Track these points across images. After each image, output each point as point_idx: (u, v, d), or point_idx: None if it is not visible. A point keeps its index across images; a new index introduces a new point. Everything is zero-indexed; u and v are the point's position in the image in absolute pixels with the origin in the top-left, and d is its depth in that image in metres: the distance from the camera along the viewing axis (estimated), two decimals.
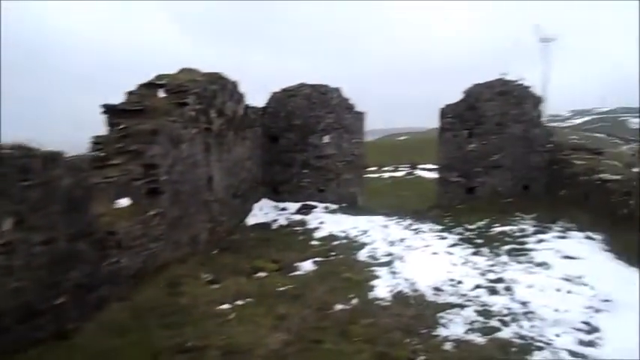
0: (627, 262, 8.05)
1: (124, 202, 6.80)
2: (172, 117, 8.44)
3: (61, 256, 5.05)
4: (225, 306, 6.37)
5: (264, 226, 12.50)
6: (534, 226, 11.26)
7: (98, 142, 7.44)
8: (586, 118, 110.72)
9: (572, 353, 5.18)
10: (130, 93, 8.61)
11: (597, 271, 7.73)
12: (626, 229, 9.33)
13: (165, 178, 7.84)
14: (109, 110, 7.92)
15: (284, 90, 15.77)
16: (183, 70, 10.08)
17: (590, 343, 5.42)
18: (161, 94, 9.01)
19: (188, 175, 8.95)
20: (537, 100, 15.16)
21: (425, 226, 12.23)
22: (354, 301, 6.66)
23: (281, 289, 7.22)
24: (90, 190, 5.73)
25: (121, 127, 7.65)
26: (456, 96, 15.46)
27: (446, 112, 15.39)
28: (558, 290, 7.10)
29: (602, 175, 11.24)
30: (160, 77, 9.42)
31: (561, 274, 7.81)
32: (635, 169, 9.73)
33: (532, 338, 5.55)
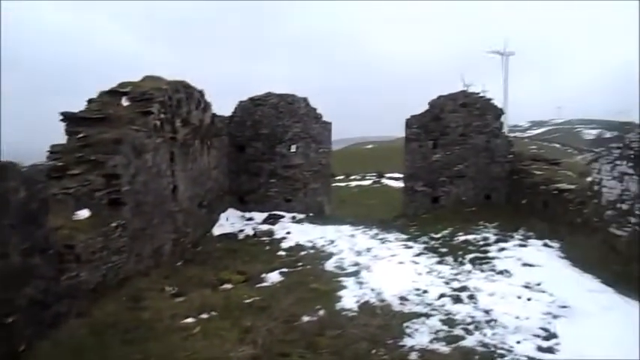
0: (582, 269, 8.40)
1: (84, 213, 6.55)
2: (136, 126, 8.24)
3: (14, 271, 4.79)
4: (190, 320, 6.22)
5: (230, 237, 12.33)
6: (496, 234, 11.60)
7: (56, 151, 7.17)
8: (543, 129, 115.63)
9: None
10: (91, 101, 8.36)
11: (555, 278, 8.01)
12: (581, 237, 9.76)
13: (127, 189, 7.63)
14: (68, 118, 7.65)
15: (251, 99, 15.72)
16: (147, 78, 9.88)
17: (549, 349, 5.60)
18: (124, 102, 8.79)
19: (152, 185, 8.75)
20: (498, 112, 15.71)
21: (391, 236, 12.38)
22: (321, 312, 6.63)
23: (247, 301, 7.11)
24: (46, 201, 5.49)
25: (80, 135, 7.40)
26: (421, 106, 15.84)
27: (411, 123, 15.71)
28: (519, 297, 7.31)
29: (558, 185, 11.73)
30: (123, 85, 9.19)
31: (522, 281, 8.06)
32: (589, 179, 10.18)
33: (494, 346, 5.68)
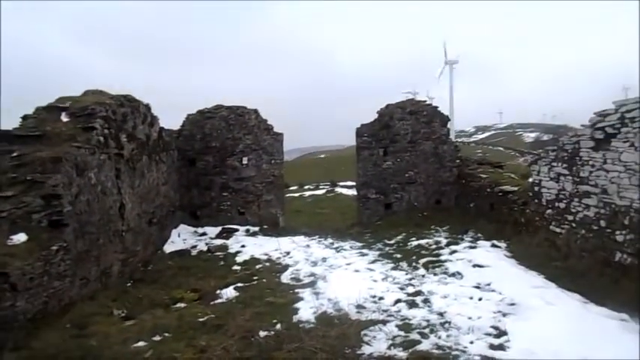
0: (527, 267, 8.78)
1: (20, 237, 6.15)
2: (77, 142, 7.87)
3: None
4: (141, 343, 5.97)
5: (182, 253, 11.97)
6: (447, 237, 11.92)
7: None
8: (487, 134, 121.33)
9: (485, 358, 5.49)
10: (26, 117, 7.90)
11: (503, 277, 8.31)
12: (525, 236, 10.24)
13: (69, 209, 7.24)
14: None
15: (200, 112, 15.44)
16: (89, 92, 9.49)
17: (500, 347, 5.79)
18: (64, 118, 8.38)
19: (96, 204, 8.35)
20: (445, 119, 16.27)
21: (346, 244, 12.47)
22: (278, 326, 6.53)
23: (202, 319, 6.91)
24: None
25: (14, 154, 6.96)
26: (370, 116, 16.13)
27: (362, 132, 15.96)
28: (471, 298, 7.54)
29: (503, 187, 12.29)
30: (62, 99, 8.78)
31: (473, 282, 8.32)
32: (530, 180, 10.73)
33: (449, 348, 5.81)
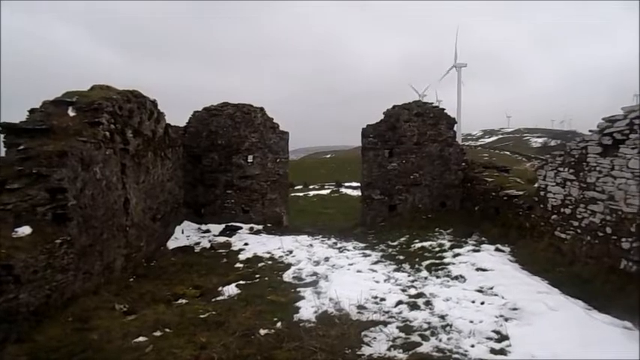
0: (531, 272, 8.72)
1: (25, 230, 6.18)
2: (83, 137, 7.90)
3: None
4: (142, 338, 5.98)
5: (186, 250, 12.00)
6: (451, 240, 11.87)
7: None
8: (494, 138, 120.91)
9: None
10: (33, 110, 7.94)
11: (506, 282, 8.26)
12: (530, 241, 10.17)
13: (73, 203, 7.27)
14: (7, 129, 7.22)
15: (206, 109, 15.48)
16: (96, 87, 9.52)
17: (501, 351, 5.76)
18: (71, 112, 8.41)
19: (101, 198, 8.39)
20: (451, 121, 16.19)
21: (349, 244, 12.46)
22: (279, 325, 6.54)
23: (203, 316, 6.92)
24: None
25: (21, 148, 7.00)
26: (377, 116, 16.08)
27: (367, 132, 15.92)
28: (473, 302, 7.50)
29: (508, 192, 12.22)
30: (69, 94, 8.80)
31: (475, 286, 8.26)
32: (536, 185, 10.66)
33: (450, 351, 5.78)
